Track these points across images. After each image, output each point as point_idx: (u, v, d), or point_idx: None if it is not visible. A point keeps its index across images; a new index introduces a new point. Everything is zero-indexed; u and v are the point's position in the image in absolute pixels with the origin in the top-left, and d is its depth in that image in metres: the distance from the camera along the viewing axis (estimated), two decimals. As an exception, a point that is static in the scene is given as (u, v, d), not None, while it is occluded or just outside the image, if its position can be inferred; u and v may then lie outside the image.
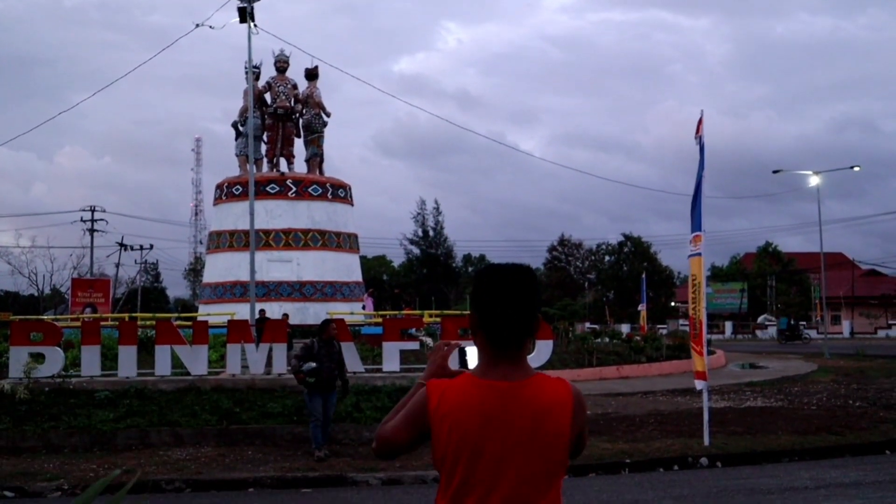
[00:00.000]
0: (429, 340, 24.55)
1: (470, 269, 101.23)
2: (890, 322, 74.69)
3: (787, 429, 13.87)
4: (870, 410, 16.51)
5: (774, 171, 45.53)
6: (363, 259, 41.66)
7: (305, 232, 30.32)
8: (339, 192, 31.84)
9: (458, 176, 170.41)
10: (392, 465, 11.25)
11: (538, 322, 2.61)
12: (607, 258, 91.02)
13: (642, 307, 40.09)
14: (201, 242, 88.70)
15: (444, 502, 2.56)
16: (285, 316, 20.51)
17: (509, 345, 2.56)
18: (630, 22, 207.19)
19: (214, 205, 33.00)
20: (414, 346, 19.02)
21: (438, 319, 24.42)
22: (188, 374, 15.92)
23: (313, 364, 11.87)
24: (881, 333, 69.96)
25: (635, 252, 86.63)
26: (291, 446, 12.87)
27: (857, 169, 47.26)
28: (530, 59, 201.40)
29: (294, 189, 30.45)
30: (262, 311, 20.73)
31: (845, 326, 73.82)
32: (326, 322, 12.84)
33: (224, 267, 30.65)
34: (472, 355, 2.71)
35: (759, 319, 76.82)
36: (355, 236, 32.84)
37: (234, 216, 30.39)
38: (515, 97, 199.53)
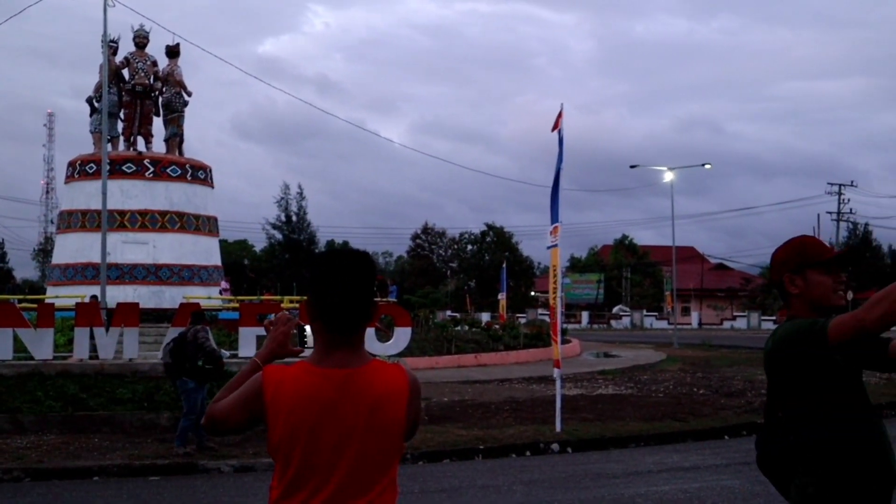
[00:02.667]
0: (288, 326, 24.32)
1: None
2: (735, 314, 78.23)
3: (635, 415, 14.36)
4: (712, 398, 17.26)
5: (631, 166, 47.07)
6: (223, 243, 40.83)
7: (163, 213, 29.43)
8: (198, 174, 31.04)
9: (319, 161, 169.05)
10: (245, 453, 11.10)
11: (375, 309, 2.60)
12: (469, 247, 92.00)
13: (502, 296, 40.70)
14: (52, 222, 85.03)
15: (279, 490, 2.54)
16: (94, 298, 19.57)
17: (345, 331, 2.55)
18: (497, 13, 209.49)
19: (66, 183, 31.64)
20: (272, 331, 18.82)
21: (297, 305, 24.15)
22: (32, 358, 15.24)
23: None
24: (727, 325, 73.24)
25: (497, 242, 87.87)
26: (141, 433, 12.51)
27: (708, 167, 49.30)
28: (397, 46, 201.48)
29: (152, 169, 29.49)
30: (93, 297, 19.87)
31: (694, 318, 76.98)
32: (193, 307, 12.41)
33: (75, 248, 29.45)
34: (311, 334, 2.69)
35: (615, 310, 79.25)
36: (215, 219, 32.10)
37: (86, 195, 29.21)
38: (379, 84, 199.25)
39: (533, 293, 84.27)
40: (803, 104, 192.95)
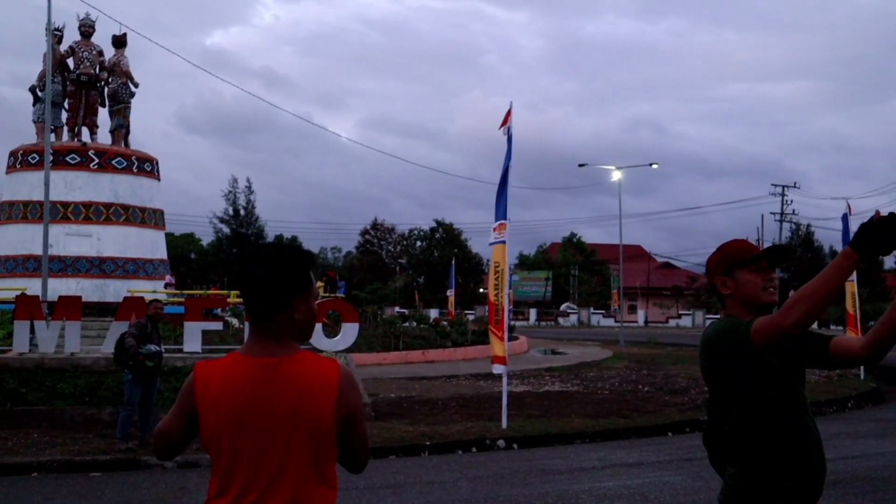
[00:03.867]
0: (234, 321, 24.08)
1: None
2: (681, 312, 79.28)
3: (581, 412, 14.48)
4: (657, 395, 17.47)
5: (580, 165, 47.44)
6: (170, 236, 40.34)
7: (108, 206, 28.98)
8: (145, 166, 30.60)
9: (267, 156, 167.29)
10: (189, 449, 10.96)
11: (292, 299, 2.57)
12: (419, 243, 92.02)
13: (450, 293, 40.78)
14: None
15: (216, 482, 2.56)
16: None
17: (260, 318, 2.58)
18: (448, 10, 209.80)
19: (7, 173, 30.98)
20: (217, 326, 18.61)
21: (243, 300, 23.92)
22: (-31, 352, 14.91)
23: (153, 347, 11.02)
24: (672, 323, 74.22)
25: (446, 239, 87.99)
26: (82, 429, 12.31)
27: (655, 166, 49.87)
28: (347, 40, 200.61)
29: (97, 160, 29.01)
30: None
31: (640, 315, 77.86)
32: (154, 301, 12.20)
33: (16, 239, 28.87)
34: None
35: (562, 307, 79.83)
36: (161, 212, 31.69)
37: (28, 186, 28.65)
38: (328, 79, 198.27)
39: (482, 290, 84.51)
40: (748, 106, 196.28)
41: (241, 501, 2.49)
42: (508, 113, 13.24)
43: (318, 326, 15.75)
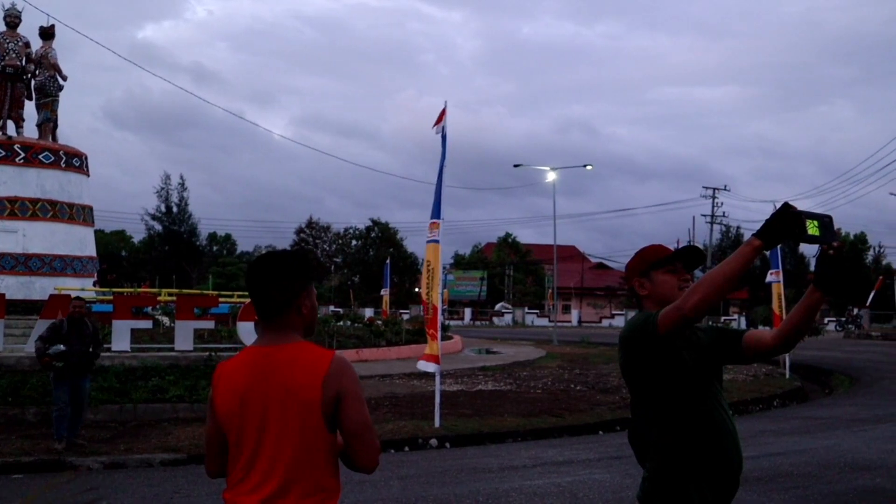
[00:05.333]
0: (165, 319, 23.70)
1: (215, 247, 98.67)
2: (614, 312, 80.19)
3: (513, 411, 14.56)
4: (588, 394, 17.65)
5: (515, 166, 47.66)
6: (100, 233, 39.55)
7: (34, 201, 28.30)
8: (73, 161, 29.95)
9: (198, 153, 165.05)
10: (116, 449, 10.81)
11: (295, 299, 2.85)
12: (354, 242, 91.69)
13: (385, 292, 40.68)
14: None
15: (230, 461, 2.85)
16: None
17: (265, 316, 2.87)
18: (385, 8, 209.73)
19: (-71, 167, 30.11)
20: (147, 324, 18.32)
21: (174, 298, 23.59)
22: None
23: (61, 346, 10.72)
24: (605, 323, 75.03)
25: (382, 237, 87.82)
26: (4, 430, 12.00)
27: (589, 168, 50.36)
28: (282, 37, 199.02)
29: (23, 155, 28.31)
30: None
31: (574, 315, 78.63)
32: (74, 299, 11.90)
33: (-62, 235, 28.05)
34: None
35: (497, 307, 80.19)
36: (90, 208, 31.04)
37: (-49, 180, 27.86)
38: (260, 75, 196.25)
39: (417, 289, 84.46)
40: (679, 109, 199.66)
41: (246, 481, 2.76)
42: (442, 112, 13.26)
43: (250, 325, 15.62)
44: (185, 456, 10.48)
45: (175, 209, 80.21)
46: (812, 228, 2.88)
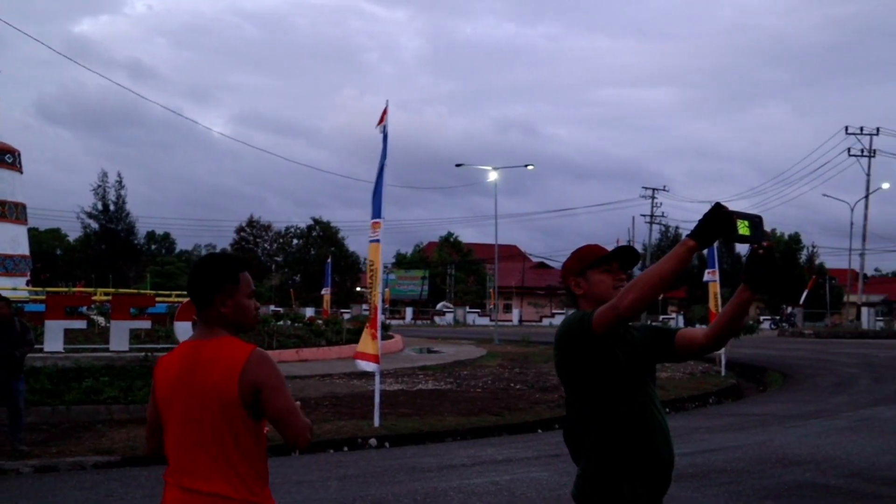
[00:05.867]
0: (100, 319, 23.28)
1: (153, 246, 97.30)
2: (554, 311, 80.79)
3: (453, 410, 14.59)
4: (528, 393, 17.75)
5: (457, 165, 47.77)
6: (34, 231, 38.70)
7: (-36, 199, 27.66)
8: (6, 158, 29.35)
9: (135, 150, 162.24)
10: (47, 452, 10.57)
11: (214, 297, 3.09)
12: (295, 241, 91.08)
13: (326, 291, 40.45)
14: None
15: (166, 446, 3.12)
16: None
17: (198, 311, 3.15)
18: (328, 6, 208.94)
19: None
20: (81, 324, 17.97)
21: (110, 298, 23.18)
22: None
23: None
24: (546, 322, 75.54)
25: (323, 237, 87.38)
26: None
27: (531, 167, 50.66)
28: (222, 33, 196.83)
29: (-47, 151, 27.66)
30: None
31: (515, 314, 79.04)
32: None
33: None
34: None
35: (438, 306, 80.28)
36: (23, 206, 30.43)
37: None
38: (200, 72, 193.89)
39: (358, 289, 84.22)
40: (618, 110, 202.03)
41: (174, 465, 3.04)
42: (384, 111, 13.22)
43: (188, 325, 15.43)
44: (119, 458, 10.30)
45: (112, 207, 78.80)
46: (743, 228, 2.94)
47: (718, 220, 2.91)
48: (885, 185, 61.81)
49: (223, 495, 2.94)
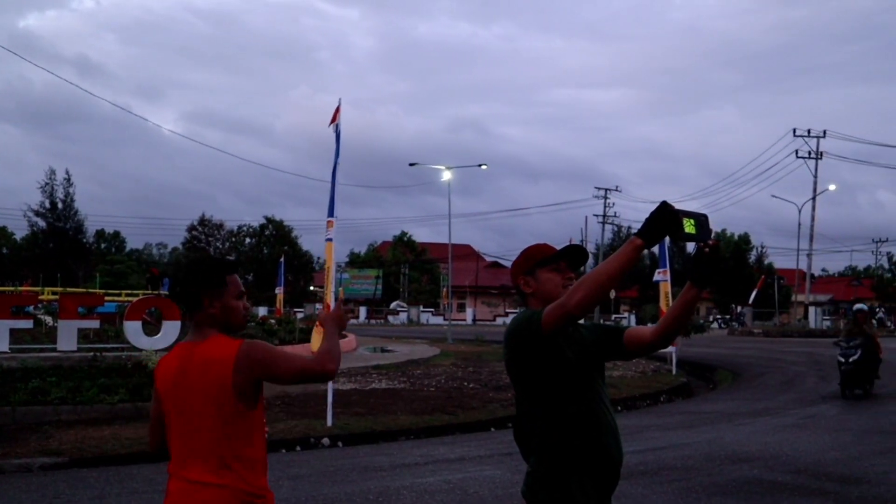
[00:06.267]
0: (48, 319, 22.91)
1: (103, 245, 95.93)
2: (508, 311, 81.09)
3: (407, 409, 14.57)
4: (481, 392, 17.79)
5: (411, 164, 47.79)
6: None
7: None
8: (-50, 154, 28.70)
9: (83, 147, 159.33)
10: (-7, 453, 10.37)
11: (200, 301, 3.25)
12: (248, 240, 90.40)
13: (279, 290, 40.20)
14: None
15: (168, 440, 3.32)
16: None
17: (187, 313, 3.34)
18: (280, 4, 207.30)
19: None
20: (27, 324, 17.65)
21: (57, 297, 22.82)
22: None
23: None
24: (499, 321, 75.81)
25: (276, 235, 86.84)
26: None
27: (484, 167, 50.81)
28: (172, 30, 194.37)
29: None
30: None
31: (469, 314, 79.23)
32: None
33: None
34: None
35: (392, 305, 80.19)
36: (-33, 204, 29.79)
37: None
38: (149, 69, 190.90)
39: (312, 288, 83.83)
40: (572, 111, 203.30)
41: (176, 459, 3.24)
42: (337, 110, 13.17)
43: (138, 324, 15.25)
44: (66, 459, 10.14)
45: (60, 205, 77.53)
46: (689, 227, 2.97)
47: (665, 219, 2.94)
48: (832, 187, 63.02)
49: (218, 484, 3.13)
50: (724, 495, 8.37)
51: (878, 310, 64.42)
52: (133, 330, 15.01)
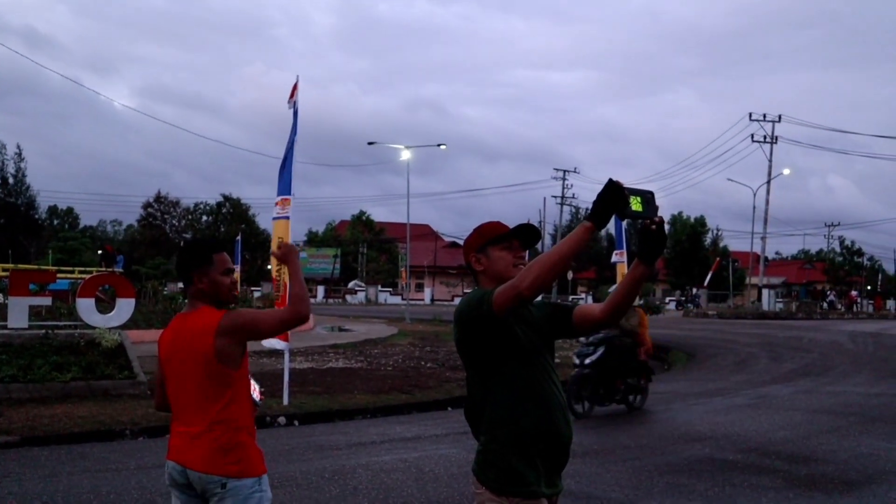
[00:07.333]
0: (-1, 296, 22.55)
1: (56, 221, 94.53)
2: (466, 290, 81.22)
3: (363, 388, 14.57)
4: (438, 371, 17.85)
5: (369, 143, 47.59)
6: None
7: None
8: None
9: (32, 121, 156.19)
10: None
11: (190, 277, 3.73)
12: (205, 218, 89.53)
13: (236, 269, 39.94)
14: None
15: (169, 400, 3.80)
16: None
17: (184, 288, 3.81)
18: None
19: None
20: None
21: (8, 274, 22.43)
22: None
23: None
24: (457, 301, 75.92)
25: (233, 213, 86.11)
26: None
27: (443, 147, 50.76)
28: (125, 3, 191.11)
29: None
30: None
31: (427, 293, 79.30)
32: None
33: None
34: None
35: (350, 284, 79.97)
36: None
37: None
38: (100, 42, 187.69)
39: (269, 267, 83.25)
40: (530, 92, 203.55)
41: (175, 415, 3.73)
42: (295, 87, 13.05)
43: (90, 301, 15.06)
44: (17, 438, 10.01)
45: (11, 180, 76.16)
46: (635, 204, 3.00)
47: (611, 196, 2.96)
48: (786, 171, 63.74)
49: (195, 434, 3.61)
50: (676, 474, 8.49)
51: (828, 293, 65.52)
52: (86, 307, 14.81)
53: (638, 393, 13.26)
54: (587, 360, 12.52)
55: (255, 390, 4.05)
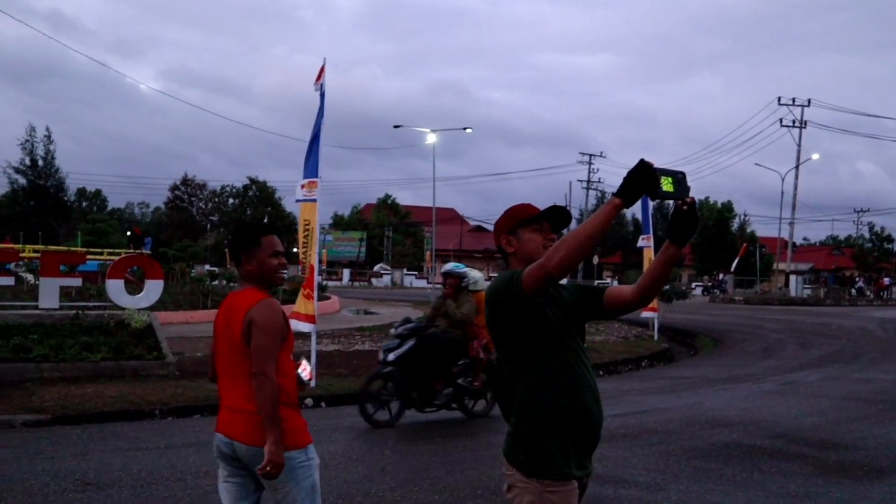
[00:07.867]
0: (29, 276, 22.79)
1: (84, 203, 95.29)
2: (492, 274, 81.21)
3: (389, 371, 14.58)
4: (464, 354, 17.81)
5: (395, 126, 47.46)
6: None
7: None
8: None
9: (60, 105, 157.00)
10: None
11: (239, 258, 3.91)
12: (231, 201, 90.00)
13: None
14: None
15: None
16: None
17: (236, 268, 4.00)
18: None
19: None
20: (8, 281, 17.55)
21: (39, 255, 22.68)
22: None
23: None
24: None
25: (260, 196, 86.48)
26: None
27: (469, 130, 50.70)
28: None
29: None
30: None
31: (452, 277, 79.15)
32: None
33: None
34: None
35: (376, 268, 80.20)
36: (-53, 159, 29.45)
37: None
38: (126, 25, 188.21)
39: (295, 249, 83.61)
40: (555, 76, 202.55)
41: (221, 389, 3.91)
42: (321, 69, 13.05)
43: (120, 283, 15.17)
44: (49, 417, 10.13)
45: (41, 163, 76.81)
46: (667, 185, 2.97)
47: (643, 177, 2.93)
48: (815, 156, 63.21)
49: (249, 411, 3.71)
50: (704, 459, 8.46)
51: (857, 279, 64.95)
52: (115, 288, 14.92)
53: (478, 396, 10.74)
54: (391, 356, 10.20)
55: (305, 369, 4.14)
